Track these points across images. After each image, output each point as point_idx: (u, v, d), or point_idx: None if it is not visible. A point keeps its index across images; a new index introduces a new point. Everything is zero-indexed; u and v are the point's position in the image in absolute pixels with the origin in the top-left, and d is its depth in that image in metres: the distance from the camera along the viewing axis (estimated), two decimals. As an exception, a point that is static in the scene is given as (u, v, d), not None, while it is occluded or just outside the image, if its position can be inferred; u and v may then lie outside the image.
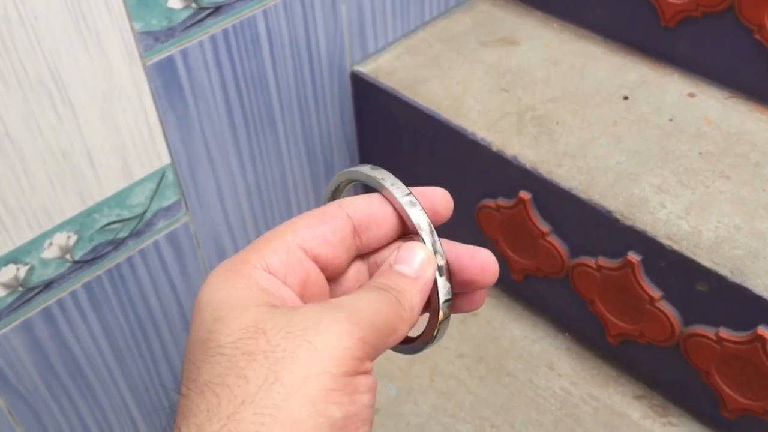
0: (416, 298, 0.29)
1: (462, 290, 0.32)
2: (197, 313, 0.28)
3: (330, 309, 0.27)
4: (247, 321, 0.26)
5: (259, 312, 0.26)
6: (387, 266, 0.31)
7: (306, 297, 0.30)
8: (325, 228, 0.30)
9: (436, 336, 0.31)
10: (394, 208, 0.31)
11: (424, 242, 0.30)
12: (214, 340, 0.26)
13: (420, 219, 0.31)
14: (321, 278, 0.30)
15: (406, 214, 0.31)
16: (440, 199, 0.33)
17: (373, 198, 0.32)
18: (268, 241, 0.30)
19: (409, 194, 0.31)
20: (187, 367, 0.26)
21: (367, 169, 0.32)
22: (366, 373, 0.26)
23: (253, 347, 0.25)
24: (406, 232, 0.32)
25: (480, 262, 0.31)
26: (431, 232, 0.31)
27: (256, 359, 0.25)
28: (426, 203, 0.32)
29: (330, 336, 0.25)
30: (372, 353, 0.27)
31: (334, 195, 0.34)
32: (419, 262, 0.30)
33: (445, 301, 0.31)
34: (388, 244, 0.33)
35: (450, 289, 0.31)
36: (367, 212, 0.31)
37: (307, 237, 0.30)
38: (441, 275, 0.30)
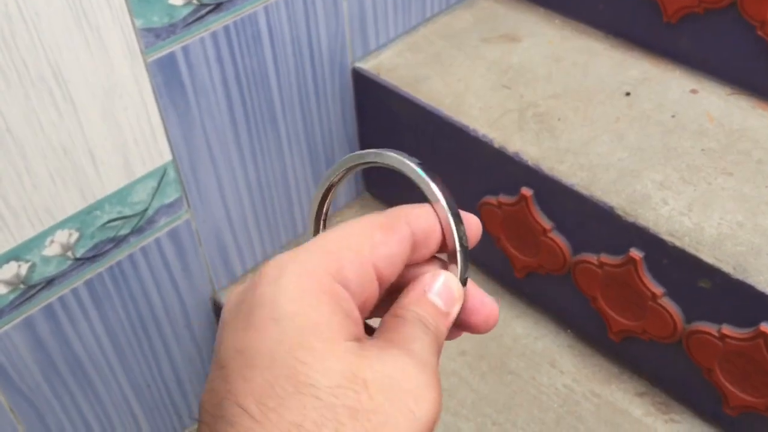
0: (444, 336, 0.29)
1: (457, 329, 0.31)
2: (272, 321, 0.25)
3: (421, 367, 0.26)
4: (343, 365, 0.25)
5: (352, 352, 0.25)
6: (421, 291, 0.29)
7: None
8: (397, 248, 0.29)
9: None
10: (440, 223, 0.31)
11: (457, 264, 0.30)
12: (306, 376, 0.24)
13: (462, 241, 0.30)
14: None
15: (450, 232, 0.30)
16: (474, 227, 0.32)
17: (430, 213, 0.31)
18: (343, 250, 0.27)
19: (456, 211, 0.30)
20: (256, 381, 0.24)
21: (405, 160, 0.31)
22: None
23: (356, 403, 0.24)
24: (441, 249, 0.31)
25: (488, 310, 0.31)
26: (466, 258, 0.30)
27: (358, 418, 0.24)
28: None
29: (428, 405, 0.25)
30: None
31: (336, 179, 0.33)
32: (452, 299, 0.29)
33: None
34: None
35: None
36: (427, 230, 0.30)
37: (382, 256, 0.28)
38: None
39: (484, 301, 0.31)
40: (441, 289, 0.29)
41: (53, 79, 0.56)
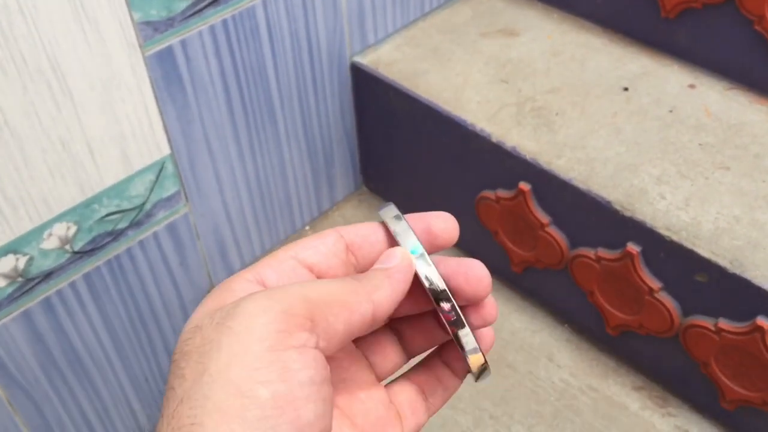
0: (382, 280, 0.29)
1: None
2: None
3: (253, 291, 0.26)
4: (193, 323, 0.26)
5: (207, 312, 0.26)
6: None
7: None
8: (317, 241, 0.30)
9: (478, 372, 0.31)
10: (388, 235, 0.31)
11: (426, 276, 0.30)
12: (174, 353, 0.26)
13: (407, 243, 0.30)
14: None
15: (396, 240, 0.30)
16: (439, 221, 0.31)
17: (365, 224, 0.32)
18: (265, 259, 0.30)
19: (401, 219, 0.31)
20: None
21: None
22: (300, 347, 0.25)
23: (191, 346, 0.25)
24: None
25: (465, 268, 0.30)
26: (422, 255, 0.30)
27: (191, 357, 0.25)
28: (421, 226, 0.31)
29: (246, 316, 0.25)
30: (307, 325, 0.25)
31: None
32: (393, 258, 0.30)
33: (457, 334, 0.30)
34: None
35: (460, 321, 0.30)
36: (359, 233, 0.31)
37: (299, 249, 0.30)
38: (441, 301, 0.30)
39: (461, 262, 0.31)
40: (383, 258, 0.30)
41: (51, 71, 0.56)
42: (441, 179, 0.79)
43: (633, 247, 0.63)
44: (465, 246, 0.83)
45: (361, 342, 0.33)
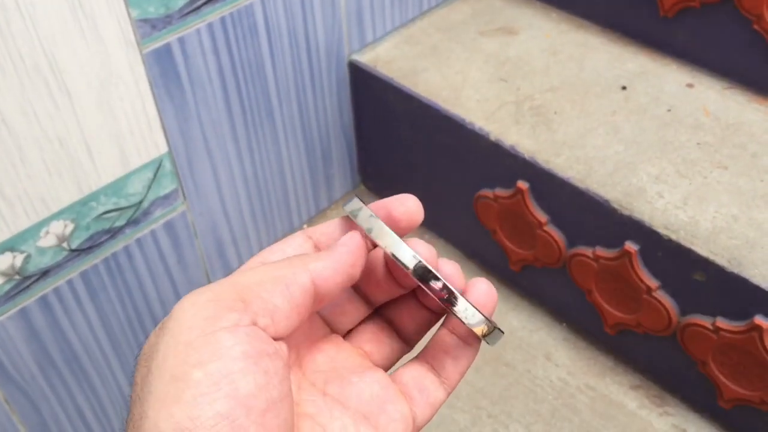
0: (323, 253, 0.29)
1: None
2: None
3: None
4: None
5: None
6: None
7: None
8: (284, 244, 0.31)
9: (489, 338, 0.30)
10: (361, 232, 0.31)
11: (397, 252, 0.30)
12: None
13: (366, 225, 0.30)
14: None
15: (365, 232, 0.30)
16: (398, 204, 0.31)
17: (331, 221, 0.32)
18: (237, 270, 0.30)
19: (365, 209, 0.31)
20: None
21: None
22: (231, 326, 0.25)
23: (141, 357, 0.27)
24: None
25: (398, 197, 0.31)
26: (388, 234, 0.30)
27: (140, 364, 0.26)
28: (382, 213, 0.31)
29: (177, 312, 0.26)
30: (237, 306, 0.26)
31: None
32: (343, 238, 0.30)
33: (445, 299, 0.29)
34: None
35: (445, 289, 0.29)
36: (325, 232, 0.31)
37: (266, 254, 0.31)
38: (428, 281, 0.29)
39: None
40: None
41: (49, 69, 0.56)
42: (439, 178, 0.79)
43: (631, 246, 0.63)
44: (463, 245, 0.83)
45: (353, 334, 0.33)
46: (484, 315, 0.29)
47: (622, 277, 0.66)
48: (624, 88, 0.74)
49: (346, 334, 0.33)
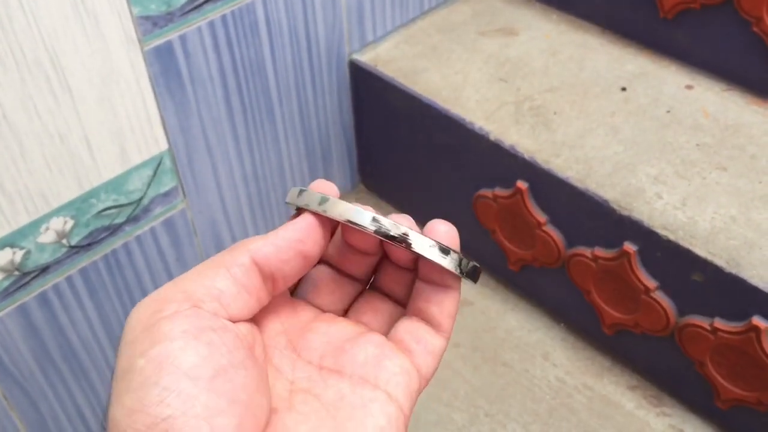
0: (264, 236, 0.29)
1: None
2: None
3: None
4: None
5: None
6: None
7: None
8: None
9: (467, 273, 0.30)
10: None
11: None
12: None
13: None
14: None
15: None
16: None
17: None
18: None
19: (305, 192, 0.30)
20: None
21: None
22: (171, 314, 0.26)
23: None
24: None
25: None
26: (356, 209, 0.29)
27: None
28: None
29: (125, 324, 0.27)
30: (178, 297, 0.26)
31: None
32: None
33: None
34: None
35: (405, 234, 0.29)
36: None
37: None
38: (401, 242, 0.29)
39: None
40: None
41: (50, 65, 0.56)
42: (439, 177, 0.79)
43: (630, 246, 0.64)
44: (462, 244, 0.83)
45: (350, 312, 0.33)
46: (450, 248, 0.29)
47: (620, 278, 0.66)
48: (624, 89, 0.74)
49: (345, 315, 0.33)
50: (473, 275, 0.31)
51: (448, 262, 0.30)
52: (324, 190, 0.31)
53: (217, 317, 0.27)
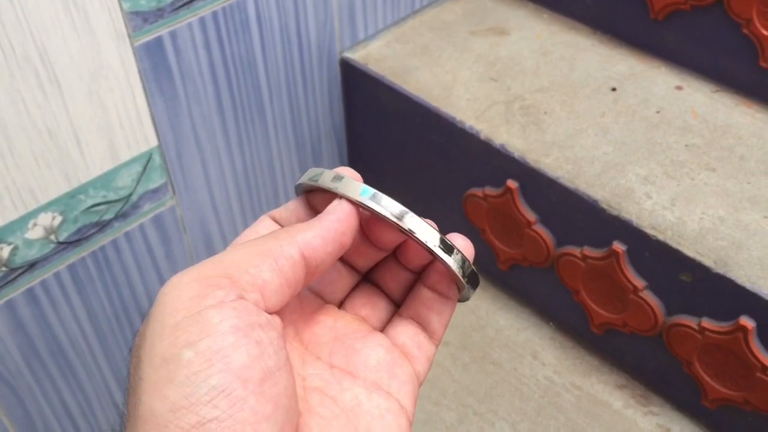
0: (311, 223, 0.28)
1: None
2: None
3: None
4: None
5: None
6: None
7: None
8: (251, 232, 0.31)
9: (464, 283, 0.30)
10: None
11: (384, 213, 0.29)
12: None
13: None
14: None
15: (337, 193, 0.29)
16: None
17: (293, 201, 0.32)
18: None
19: (337, 178, 0.30)
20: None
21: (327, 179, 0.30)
22: (218, 303, 0.25)
23: (133, 348, 0.26)
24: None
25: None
26: (374, 195, 0.29)
27: (133, 356, 0.26)
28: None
29: (161, 298, 0.26)
30: (223, 283, 0.25)
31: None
32: (330, 207, 0.29)
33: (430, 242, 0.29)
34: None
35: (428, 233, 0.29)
36: (288, 208, 0.31)
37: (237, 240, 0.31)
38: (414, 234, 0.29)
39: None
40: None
41: (39, 59, 0.55)
42: (429, 176, 0.79)
43: (618, 246, 0.64)
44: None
45: (347, 302, 0.33)
46: (455, 247, 0.30)
47: (609, 277, 0.66)
48: (614, 89, 0.74)
49: (340, 304, 0.33)
50: (473, 280, 0.31)
51: (452, 261, 0.30)
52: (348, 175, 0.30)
53: (260, 312, 0.26)
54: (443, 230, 0.31)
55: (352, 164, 0.90)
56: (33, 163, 0.59)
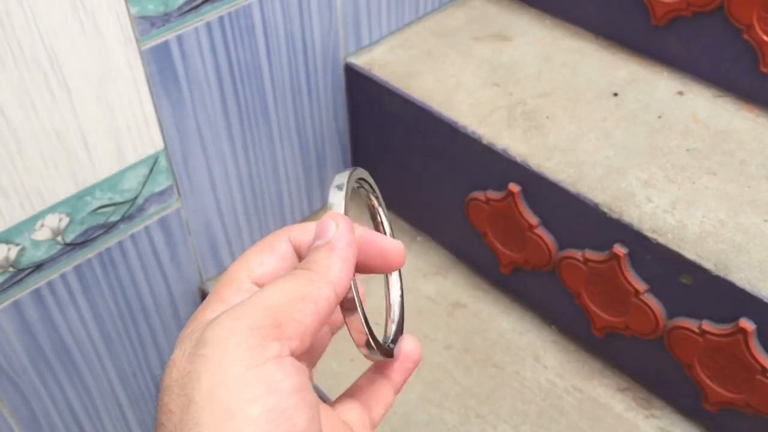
0: (329, 257, 0.28)
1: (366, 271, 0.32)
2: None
3: (214, 317, 0.27)
4: (170, 360, 0.27)
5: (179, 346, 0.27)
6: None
7: None
8: (273, 262, 0.31)
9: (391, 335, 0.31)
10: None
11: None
12: None
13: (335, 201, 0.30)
14: None
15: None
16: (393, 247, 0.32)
17: (311, 224, 0.32)
18: (226, 283, 0.30)
19: (341, 189, 0.30)
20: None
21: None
22: (276, 357, 0.25)
23: (169, 380, 0.26)
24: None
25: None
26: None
27: (172, 391, 0.25)
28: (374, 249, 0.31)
29: (216, 340, 0.25)
30: (275, 333, 0.26)
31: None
32: (332, 229, 0.29)
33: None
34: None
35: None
36: (307, 239, 0.31)
37: (260, 273, 0.31)
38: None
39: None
40: (318, 231, 0.30)
41: (48, 63, 0.56)
42: (432, 180, 0.80)
43: (620, 249, 0.64)
44: (454, 247, 0.83)
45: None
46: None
47: (610, 280, 0.67)
48: (615, 94, 0.75)
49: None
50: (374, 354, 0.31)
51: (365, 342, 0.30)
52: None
53: (305, 369, 0.26)
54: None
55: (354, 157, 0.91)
56: (41, 164, 0.59)
